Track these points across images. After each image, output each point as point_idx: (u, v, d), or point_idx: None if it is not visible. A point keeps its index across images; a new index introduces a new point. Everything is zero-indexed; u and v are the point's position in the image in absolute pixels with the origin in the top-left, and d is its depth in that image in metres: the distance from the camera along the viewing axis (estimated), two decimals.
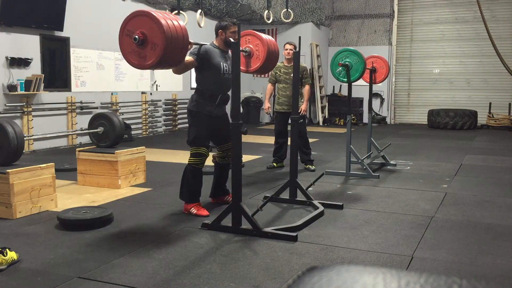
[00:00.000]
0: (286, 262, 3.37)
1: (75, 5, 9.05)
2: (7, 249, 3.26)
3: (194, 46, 4.25)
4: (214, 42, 4.59)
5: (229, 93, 4.50)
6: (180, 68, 4.21)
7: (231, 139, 4.09)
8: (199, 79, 4.53)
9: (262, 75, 14.75)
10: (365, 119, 14.32)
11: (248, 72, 4.83)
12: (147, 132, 11.12)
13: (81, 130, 6.83)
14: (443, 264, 3.38)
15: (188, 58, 4.23)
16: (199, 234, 3.95)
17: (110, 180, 5.64)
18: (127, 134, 9.30)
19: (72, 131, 9.05)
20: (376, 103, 14.84)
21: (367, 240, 3.86)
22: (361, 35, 15.19)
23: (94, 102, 9.68)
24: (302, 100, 6.81)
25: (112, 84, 10.19)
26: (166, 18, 3.63)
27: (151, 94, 11.30)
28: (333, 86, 15.23)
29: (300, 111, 6.62)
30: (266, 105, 6.97)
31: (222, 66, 4.49)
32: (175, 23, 3.66)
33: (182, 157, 7.30)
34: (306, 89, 6.84)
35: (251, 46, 4.70)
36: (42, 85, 8.37)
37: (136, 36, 3.58)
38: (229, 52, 4.38)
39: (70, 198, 5.21)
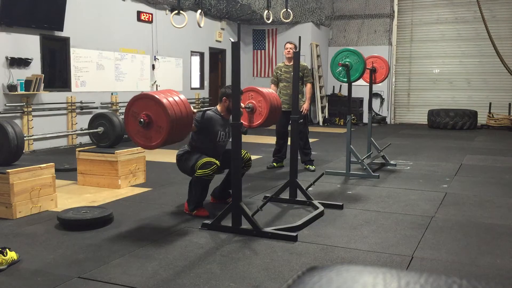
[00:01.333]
0: (286, 262, 3.37)
1: (75, 5, 9.05)
2: (7, 249, 3.26)
3: (198, 113, 4.35)
4: (218, 108, 4.64)
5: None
6: None
7: (232, 138, 4.09)
8: (195, 139, 4.57)
9: (262, 76, 14.76)
10: (365, 119, 14.32)
11: (250, 127, 4.96)
12: None
13: (81, 130, 6.84)
14: (443, 264, 3.38)
15: None
16: (199, 234, 3.95)
17: (110, 180, 5.64)
18: (127, 134, 9.29)
19: (72, 131, 9.05)
20: (376, 103, 14.84)
21: (367, 240, 3.86)
22: (361, 35, 15.19)
23: (94, 102, 9.68)
24: (304, 99, 6.82)
25: (112, 84, 10.19)
26: (169, 97, 3.70)
27: None
28: (333, 86, 15.23)
29: (302, 110, 6.62)
30: None
31: (219, 134, 4.57)
32: (179, 101, 3.73)
33: None
34: (308, 87, 6.85)
35: (254, 102, 4.81)
36: (42, 85, 8.37)
37: (142, 120, 3.66)
38: (230, 118, 4.35)
39: (70, 198, 5.21)
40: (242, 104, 4.58)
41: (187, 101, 3.85)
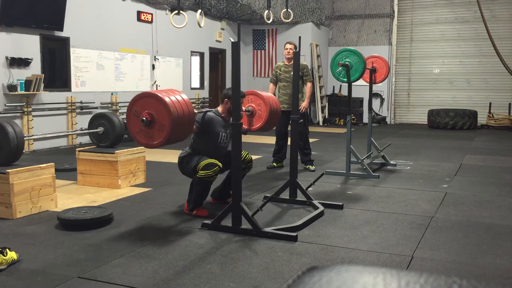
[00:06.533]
0: (286, 262, 3.37)
1: (75, 5, 9.05)
2: (7, 249, 3.26)
3: (198, 114, 4.35)
4: (218, 109, 4.64)
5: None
6: None
7: (231, 138, 4.08)
8: (196, 140, 4.57)
9: (262, 76, 14.76)
10: (365, 119, 14.32)
11: (250, 130, 4.98)
12: None
13: (81, 130, 6.84)
14: (443, 264, 3.38)
15: None
16: (199, 234, 3.95)
17: (110, 180, 5.64)
18: (127, 134, 9.29)
19: (72, 131, 9.05)
20: (376, 103, 14.84)
21: (367, 240, 3.86)
22: (361, 35, 15.19)
23: (94, 102, 9.68)
24: (304, 99, 6.81)
25: (112, 84, 10.19)
26: (171, 96, 3.72)
27: None
28: (333, 86, 15.23)
29: (301, 108, 6.61)
30: None
31: (221, 135, 4.57)
32: (181, 100, 3.76)
33: None
34: (308, 86, 6.85)
35: (253, 105, 4.84)
36: (42, 85, 8.37)
37: (144, 118, 3.68)
38: (231, 120, 4.29)
39: (70, 198, 5.21)
40: (242, 107, 4.58)
41: (188, 100, 3.87)
